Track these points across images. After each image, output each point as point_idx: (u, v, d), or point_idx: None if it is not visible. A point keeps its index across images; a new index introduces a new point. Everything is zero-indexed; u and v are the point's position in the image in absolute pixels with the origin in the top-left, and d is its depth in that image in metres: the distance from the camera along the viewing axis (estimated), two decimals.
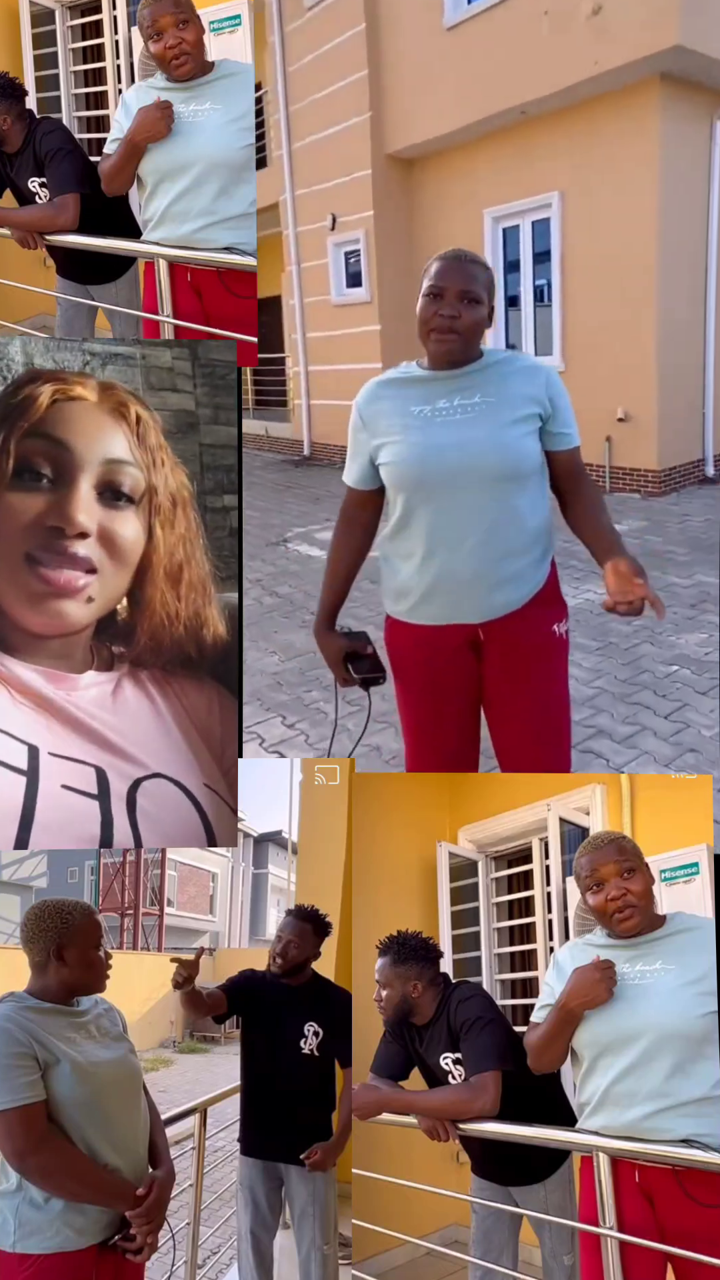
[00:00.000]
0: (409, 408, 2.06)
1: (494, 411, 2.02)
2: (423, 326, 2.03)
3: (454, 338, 1.99)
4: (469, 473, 2.01)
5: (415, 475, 2.03)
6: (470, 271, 2.01)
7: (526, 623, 2.10)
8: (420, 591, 2.10)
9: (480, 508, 2.03)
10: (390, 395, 2.10)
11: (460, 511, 2.03)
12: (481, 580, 2.06)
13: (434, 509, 2.04)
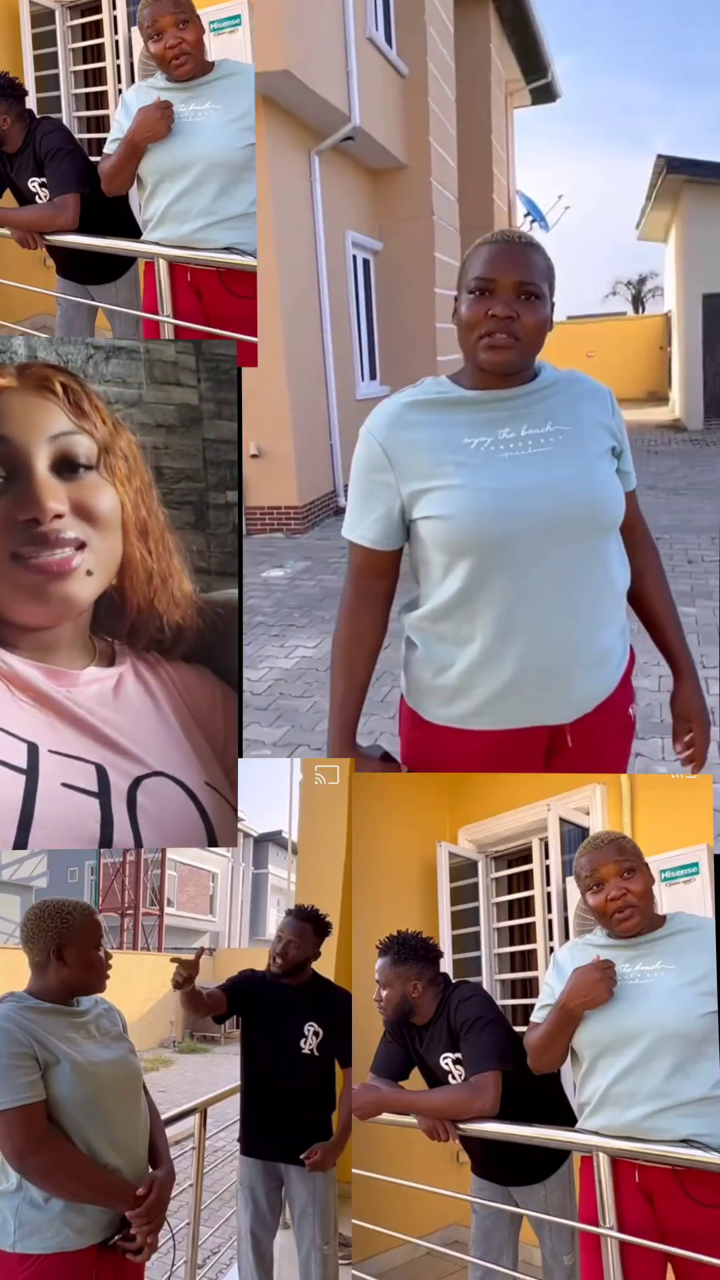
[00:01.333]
0: (459, 439, 1.62)
1: (574, 443, 1.63)
2: (469, 332, 1.61)
3: (512, 345, 1.59)
4: (558, 525, 1.57)
5: (486, 531, 1.56)
6: (527, 258, 1.61)
7: (610, 714, 1.72)
8: (489, 691, 1.64)
9: (571, 570, 1.61)
10: (428, 422, 1.64)
11: (547, 578, 1.59)
12: (576, 665, 1.64)
13: (510, 576, 1.58)
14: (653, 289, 29.53)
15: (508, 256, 1.60)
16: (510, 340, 1.59)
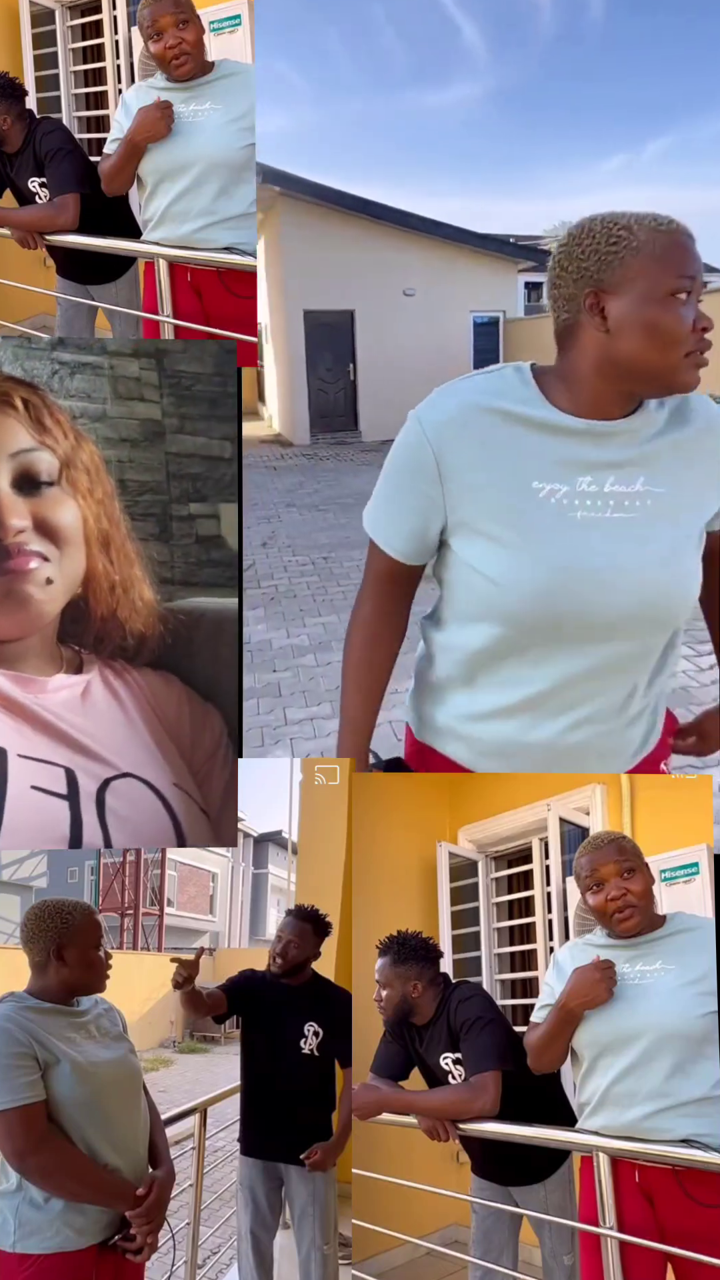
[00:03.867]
0: (529, 478, 1.32)
1: (665, 513, 1.35)
2: (669, 347, 1.28)
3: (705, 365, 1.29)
4: (619, 619, 1.34)
5: (531, 613, 1.34)
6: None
7: (648, 765, 1.59)
8: (531, 757, 1.48)
9: (623, 666, 1.41)
10: (498, 440, 1.33)
11: (590, 670, 1.39)
12: (599, 757, 1.49)
13: (547, 657, 1.39)
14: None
15: (695, 253, 1.29)
16: (705, 360, 1.30)
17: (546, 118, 57.09)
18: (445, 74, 64.99)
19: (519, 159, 62.64)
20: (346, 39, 62.02)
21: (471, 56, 62.12)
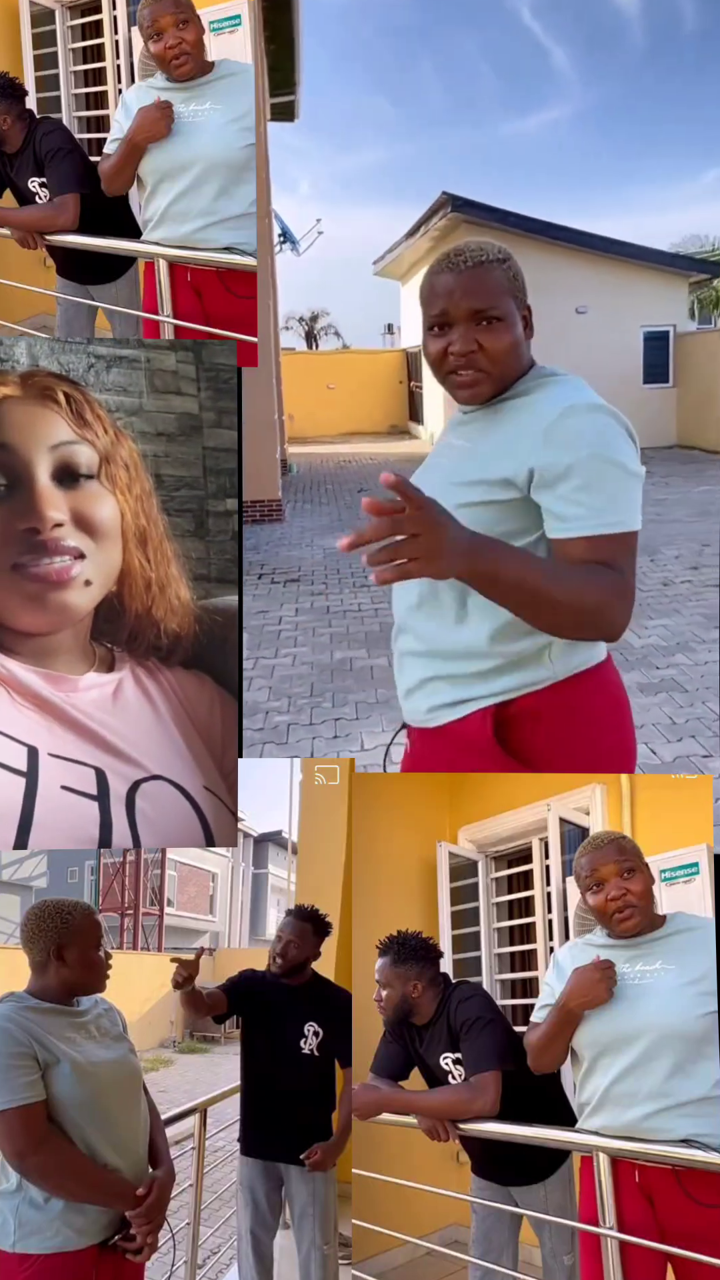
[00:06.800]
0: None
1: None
2: (435, 370, 1.55)
3: (480, 380, 1.51)
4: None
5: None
6: (480, 281, 1.49)
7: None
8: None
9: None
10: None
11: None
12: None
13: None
14: (325, 326, 30.11)
15: (458, 284, 1.48)
16: (476, 375, 1.50)
17: (639, 134, 57.17)
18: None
19: (617, 175, 62.27)
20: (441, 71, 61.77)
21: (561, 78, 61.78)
